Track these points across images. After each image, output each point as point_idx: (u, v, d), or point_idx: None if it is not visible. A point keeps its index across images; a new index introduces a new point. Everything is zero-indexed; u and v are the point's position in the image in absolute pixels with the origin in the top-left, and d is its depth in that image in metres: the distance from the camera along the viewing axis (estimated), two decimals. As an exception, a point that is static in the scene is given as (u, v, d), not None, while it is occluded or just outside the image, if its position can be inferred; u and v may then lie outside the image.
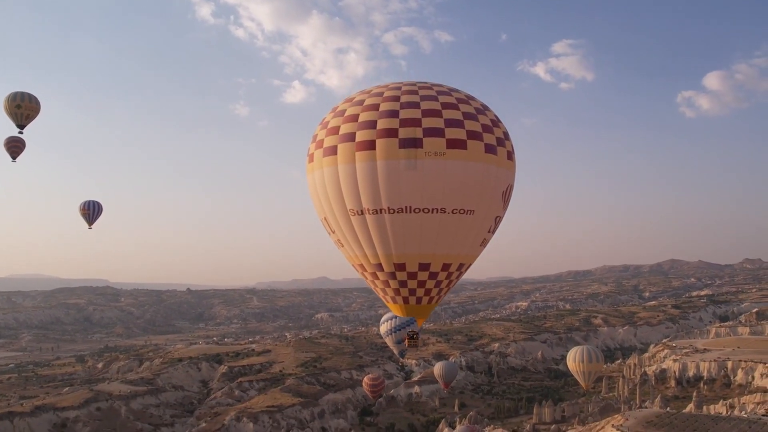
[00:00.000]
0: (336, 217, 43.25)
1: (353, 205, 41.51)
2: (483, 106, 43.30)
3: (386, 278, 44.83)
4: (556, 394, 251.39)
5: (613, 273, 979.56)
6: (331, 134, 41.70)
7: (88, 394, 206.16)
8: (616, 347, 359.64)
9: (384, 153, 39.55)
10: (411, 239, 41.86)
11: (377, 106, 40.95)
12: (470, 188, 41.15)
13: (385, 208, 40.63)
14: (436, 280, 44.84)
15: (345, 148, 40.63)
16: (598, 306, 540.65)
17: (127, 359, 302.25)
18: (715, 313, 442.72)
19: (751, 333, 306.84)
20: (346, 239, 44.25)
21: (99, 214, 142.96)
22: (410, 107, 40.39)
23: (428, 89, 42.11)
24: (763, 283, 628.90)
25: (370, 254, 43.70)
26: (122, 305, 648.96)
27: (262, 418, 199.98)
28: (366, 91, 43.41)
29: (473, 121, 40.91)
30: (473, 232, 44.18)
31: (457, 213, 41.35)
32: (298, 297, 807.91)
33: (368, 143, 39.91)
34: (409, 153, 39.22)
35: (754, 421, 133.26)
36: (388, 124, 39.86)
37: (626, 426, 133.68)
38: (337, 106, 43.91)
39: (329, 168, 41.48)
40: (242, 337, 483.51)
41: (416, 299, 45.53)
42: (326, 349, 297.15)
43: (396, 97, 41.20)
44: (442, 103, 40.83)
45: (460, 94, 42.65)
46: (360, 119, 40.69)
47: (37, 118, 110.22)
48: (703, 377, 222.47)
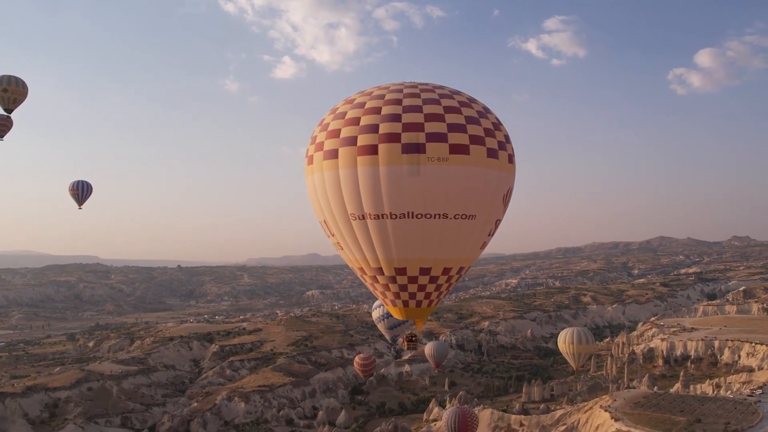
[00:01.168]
0: (336, 220, 43.04)
1: (354, 209, 41.25)
2: (485, 109, 42.99)
3: (386, 282, 44.84)
4: (545, 373, 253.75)
5: (603, 250, 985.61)
6: (331, 137, 41.22)
7: (80, 374, 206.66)
8: (605, 325, 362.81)
9: (386, 158, 39.25)
10: (412, 244, 41.85)
11: (379, 109, 40.48)
12: (472, 193, 41.11)
13: (387, 213, 40.44)
14: (436, 284, 44.94)
15: (346, 152, 40.24)
16: (587, 283, 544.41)
17: (118, 338, 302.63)
18: (702, 291, 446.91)
19: (738, 311, 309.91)
20: (346, 243, 44.10)
21: (89, 194, 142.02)
22: (412, 111, 40.00)
23: (430, 92, 41.69)
24: (750, 261, 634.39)
25: (370, 258, 43.57)
26: (112, 282, 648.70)
27: (254, 398, 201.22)
28: (366, 93, 42.91)
29: (475, 125, 40.63)
30: (474, 237, 44.32)
31: (459, 218, 41.33)
32: (288, 274, 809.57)
33: (370, 148, 39.55)
34: (412, 158, 38.99)
35: (740, 401, 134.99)
36: (390, 128, 39.49)
37: (614, 407, 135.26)
38: (337, 107, 43.33)
39: (330, 172, 41.17)
40: (233, 314, 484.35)
41: (416, 302, 45.60)
42: (317, 328, 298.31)
43: (398, 100, 40.76)
44: (445, 106, 40.48)
45: (462, 97, 42.29)
46: (361, 123, 40.26)
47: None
48: (690, 356, 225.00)
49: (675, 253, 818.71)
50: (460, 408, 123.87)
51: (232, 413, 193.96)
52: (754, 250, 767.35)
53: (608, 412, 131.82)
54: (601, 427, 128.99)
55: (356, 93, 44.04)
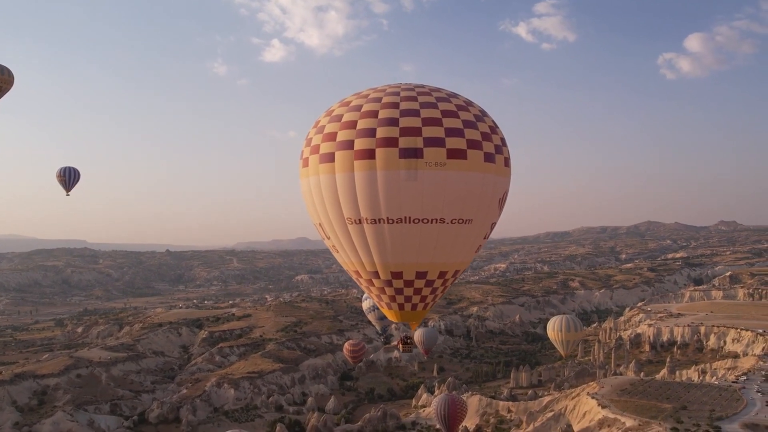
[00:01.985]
0: (332, 224, 42.77)
1: (351, 213, 41.00)
2: (482, 112, 42.79)
3: (382, 285, 44.82)
4: (533, 358, 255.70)
5: (591, 234, 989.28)
6: (327, 140, 40.78)
7: (68, 361, 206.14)
8: (593, 310, 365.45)
9: (384, 163, 38.91)
10: (409, 249, 41.74)
11: (376, 113, 40.01)
12: (470, 198, 41.03)
13: (384, 218, 40.27)
14: (432, 287, 45.09)
15: (343, 156, 39.83)
16: (575, 268, 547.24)
17: (106, 324, 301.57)
18: (689, 276, 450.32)
19: (725, 297, 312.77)
20: (342, 246, 43.86)
21: (76, 180, 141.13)
22: (410, 115, 39.60)
23: (427, 95, 41.29)
24: (737, 246, 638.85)
25: (366, 262, 43.42)
26: (101, 267, 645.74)
27: (243, 384, 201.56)
28: (362, 95, 42.35)
29: (473, 129, 40.40)
30: (470, 241, 44.43)
31: (456, 223, 41.28)
32: (278, 258, 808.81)
33: (367, 152, 39.17)
34: (410, 163, 38.75)
35: (725, 388, 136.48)
36: (387, 132, 39.10)
37: (601, 394, 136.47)
38: (332, 109, 42.70)
39: (326, 176, 40.80)
40: (222, 299, 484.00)
41: (411, 306, 45.72)
42: (306, 313, 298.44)
43: (395, 103, 40.32)
44: (443, 110, 40.14)
45: (459, 100, 42.02)
46: (358, 126, 39.80)
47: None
48: (676, 342, 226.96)
49: (662, 238, 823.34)
50: (449, 395, 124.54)
51: (222, 400, 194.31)
52: (741, 235, 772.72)
53: (595, 399, 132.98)
54: (588, 414, 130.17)
55: (351, 95, 43.41)
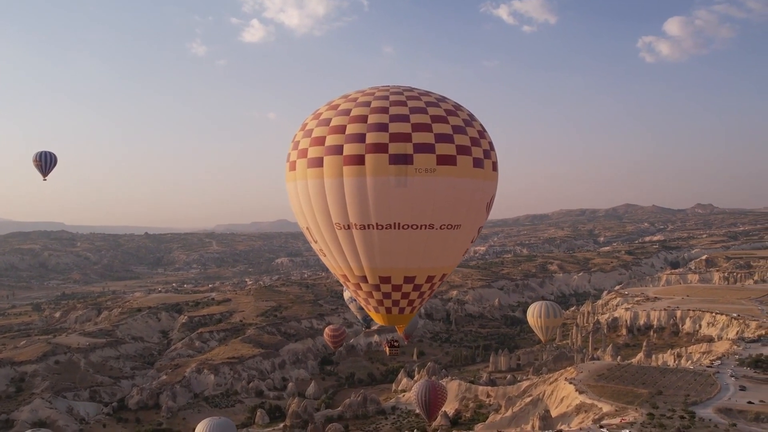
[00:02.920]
0: (320, 229, 42.70)
1: (340, 219, 40.92)
2: (470, 116, 42.74)
3: (370, 290, 44.93)
4: (511, 342, 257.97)
5: (570, 217, 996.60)
6: (315, 144, 40.48)
7: (46, 347, 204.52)
8: (571, 293, 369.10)
9: (373, 169, 38.79)
10: (398, 254, 41.84)
11: (365, 117, 39.77)
12: (459, 204, 41.16)
13: (373, 224, 40.24)
14: (419, 291, 45.24)
15: (332, 162, 39.60)
16: (554, 251, 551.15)
17: (84, 308, 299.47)
18: (666, 259, 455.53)
19: (700, 280, 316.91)
20: (329, 251, 43.83)
21: (53, 165, 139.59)
22: (400, 120, 39.43)
23: (416, 99, 41.13)
24: (713, 229, 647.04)
25: (354, 267, 43.44)
26: (78, 250, 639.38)
27: (223, 370, 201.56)
28: (351, 99, 41.98)
29: (462, 134, 40.42)
30: (458, 245, 44.68)
31: (445, 228, 41.40)
32: (257, 241, 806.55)
33: (357, 158, 38.98)
34: (400, 170, 38.69)
35: (700, 372, 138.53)
36: (377, 138, 38.95)
37: (578, 379, 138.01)
38: (320, 112, 42.40)
39: (314, 180, 40.62)
40: (202, 282, 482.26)
41: (399, 309, 45.92)
42: (286, 297, 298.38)
43: (384, 108, 40.08)
44: (432, 116, 40.08)
45: (448, 105, 41.98)
46: (347, 131, 39.55)
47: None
48: (653, 326, 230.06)
49: (640, 221, 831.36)
50: (430, 382, 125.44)
51: (202, 385, 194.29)
52: (717, 218, 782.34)
53: (573, 384, 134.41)
54: (566, 399, 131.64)
55: (339, 97, 43.10)
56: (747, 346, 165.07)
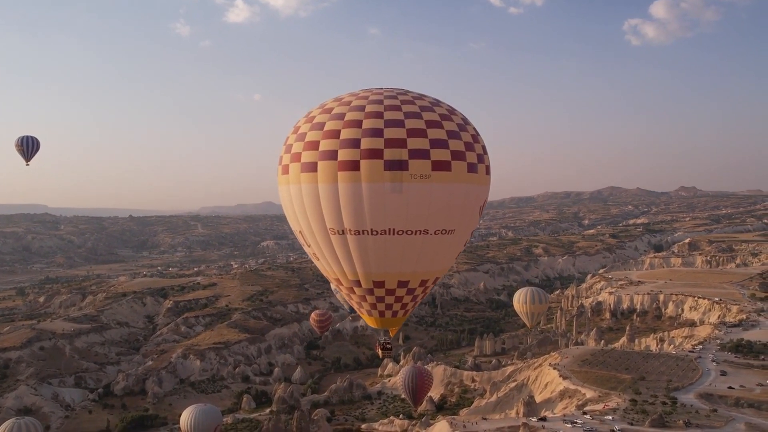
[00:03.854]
0: (314, 233, 42.64)
1: (334, 224, 40.91)
2: (464, 120, 42.81)
3: (363, 294, 45.03)
4: (497, 326, 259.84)
5: (555, 199, 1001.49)
6: (309, 149, 40.31)
7: (31, 333, 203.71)
8: (556, 276, 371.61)
9: (368, 175, 38.72)
10: (392, 259, 41.96)
11: (359, 122, 39.51)
12: (453, 209, 41.35)
13: (368, 229, 40.27)
14: (413, 295, 45.47)
15: (326, 167, 39.48)
16: (539, 234, 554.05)
17: (69, 293, 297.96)
18: (650, 242, 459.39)
19: (683, 264, 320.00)
20: (323, 255, 43.88)
21: (36, 149, 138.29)
22: (395, 126, 39.28)
23: (411, 104, 41.01)
24: (696, 212, 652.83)
25: (348, 271, 43.52)
26: (62, 233, 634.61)
27: (209, 355, 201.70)
28: (344, 102, 41.62)
29: (456, 139, 40.49)
30: (452, 249, 44.97)
31: (439, 233, 41.58)
32: (243, 224, 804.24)
33: (351, 163, 38.85)
34: (395, 176, 38.63)
35: (682, 357, 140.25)
36: (372, 144, 38.76)
37: (562, 365, 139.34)
38: (313, 115, 42.03)
39: (308, 185, 40.50)
40: (187, 266, 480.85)
41: (392, 313, 46.06)
42: (272, 282, 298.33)
43: (379, 113, 39.88)
44: (427, 121, 40.03)
45: (442, 109, 41.95)
46: (342, 136, 39.33)
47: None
48: (636, 310, 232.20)
49: (625, 203, 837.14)
50: (416, 367, 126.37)
51: (188, 371, 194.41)
52: (701, 201, 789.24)
53: (557, 370, 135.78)
54: (550, 384, 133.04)
55: (332, 100, 42.79)
56: (728, 331, 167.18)
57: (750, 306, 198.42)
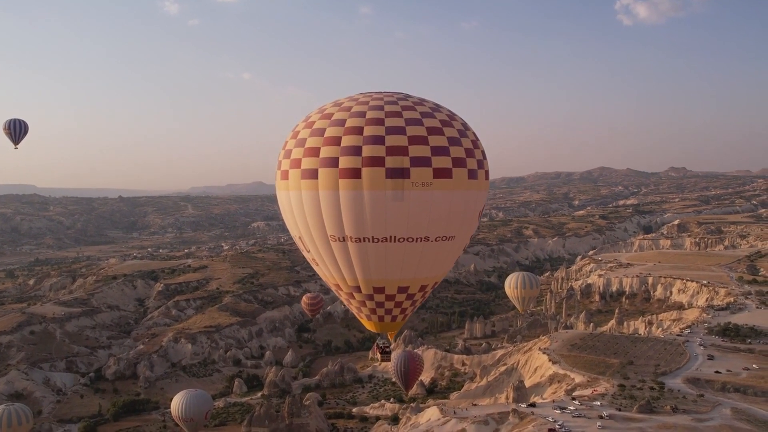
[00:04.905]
0: (314, 240, 42.69)
1: (335, 231, 40.93)
2: (464, 126, 42.89)
3: (363, 299, 45.18)
4: (487, 308, 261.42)
5: (546, 180, 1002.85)
6: (310, 155, 40.16)
7: (21, 317, 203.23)
8: (546, 258, 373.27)
9: (370, 183, 38.70)
10: (392, 266, 42.12)
11: (360, 129, 39.35)
12: (454, 216, 41.56)
13: (369, 237, 40.37)
14: (412, 300, 45.77)
15: (327, 174, 39.41)
16: (529, 215, 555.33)
17: (59, 276, 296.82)
18: (639, 224, 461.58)
19: (672, 246, 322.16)
20: (323, 260, 43.93)
21: (24, 133, 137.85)
22: (396, 133, 39.21)
23: (411, 110, 40.90)
24: (686, 192, 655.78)
25: (348, 277, 43.67)
26: (51, 214, 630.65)
27: (200, 339, 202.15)
28: (344, 108, 41.38)
29: (457, 146, 40.62)
30: (452, 255, 45.28)
31: (440, 240, 41.85)
32: (233, 204, 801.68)
33: (353, 171, 38.76)
34: (396, 184, 38.63)
35: (670, 341, 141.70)
36: (373, 151, 38.72)
37: (552, 349, 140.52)
38: (312, 120, 41.74)
39: (309, 192, 40.51)
40: (177, 247, 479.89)
41: (391, 317, 46.37)
42: (263, 264, 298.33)
43: (380, 119, 39.78)
44: (428, 127, 40.03)
45: (443, 114, 41.97)
46: (343, 143, 39.23)
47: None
48: (625, 292, 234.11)
49: (614, 184, 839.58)
50: (408, 352, 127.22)
51: (179, 355, 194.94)
52: (690, 182, 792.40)
53: (546, 354, 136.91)
54: (540, 369, 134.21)
55: (331, 104, 42.64)
56: (716, 314, 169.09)
57: (737, 289, 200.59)
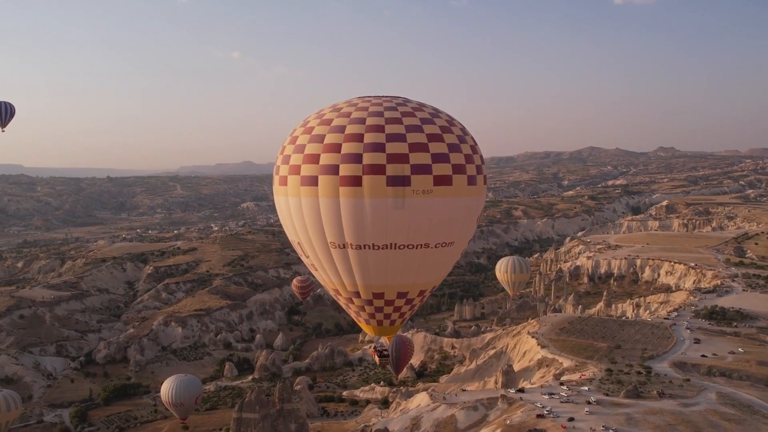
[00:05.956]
0: (314, 246, 42.68)
1: (335, 239, 40.92)
2: (463, 131, 42.87)
3: (362, 304, 45.41)
4: (476, 290, 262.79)
5: (535, 159, 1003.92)
6: (309, 162, 40.07)
7: (10, 301, 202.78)
8: (535, 239, 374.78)
9: (371, 191, 38.69)
10: (392, 272, 42.33)
11: (360, 136, 39.24)
12: (453, 222, 41.85)
13: (369, 244, 40.46)
14: (411, 304, 46.12)
15: (327, 182, 39.35)
16: (519, 195, 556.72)
17: (48, 258, 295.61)
18: (628, 204, 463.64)
19: (660, 227, 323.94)
20: (322, 266, 44.01)
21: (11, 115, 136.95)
22: (396, 140, 39.16)
23: (411, 116, 40.84)
24: (674, 173, 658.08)
25: (348, 283, 43.78)
26: (39, 195, 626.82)
27: (191, 322, 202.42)
28: (344, 113, 41.14)
29: (457, 153, 40.71)
30: (451, 260, 45.56)
31: (440, 246, 42.08)
32: (222, 184, 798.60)
33: (353, 179, 38.72)
34: (397, 192, 38.68)
35: (657, 324, 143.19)
36: (374, 159, 38.68)
37: (540, 333, 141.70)
38: (311, 126, 41.49)
39: (309, 199, 40.43)
40: (166, 228, 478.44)
41: (390, 322, 46.69)
42: (253, 246, 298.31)
43: (380, 126, 39.67)
44: (428, 134, 40.06)
45: (442, 120, 41.96)
46: (343, 150, 39.13)
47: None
48: (613, 274, 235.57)
49: (604, 164, 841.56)
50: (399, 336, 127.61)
51: (170, 338, 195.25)
52: (679, 162, 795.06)
53: (535, 338, 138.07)
54: (528, 353, 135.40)
55: (329, 109, 42.33)
56: (703, 297, 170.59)
57: (724, 271, 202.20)
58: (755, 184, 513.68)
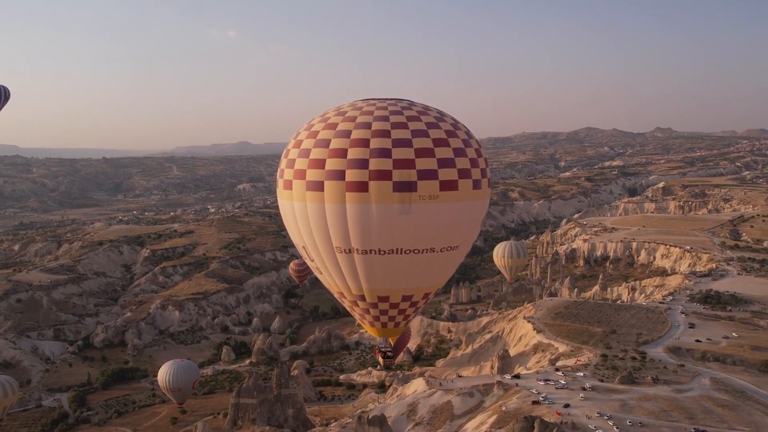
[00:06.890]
0: (319, 250, 42.99)
1: (341, 243, 41.23)
2: (468, 134, 42.98)
3: (367, 307, 45.96)
4: (472, 272, 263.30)
5: (532, 140, 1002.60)
6: (315, 167, 40.24)
7: (7, 285, 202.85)
8: (531, 221, 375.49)
9: (377, 196, 38.96)
10: (398, 276, 42.68)
11: (367, 141, 39.35)
12: (459, 226, 42.11)
13: (375, 249, 40.81)
14: (415, 306, 46.86)
15: (334, 187, 39.59)
16: (515, 176, 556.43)
17: (44, 241, 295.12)
18: (624, 186, 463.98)
19: (657, 209, 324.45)
20: (327, 270, 44.30)
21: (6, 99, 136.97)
22: (402, 146, 39.24)
23: (417, 120, 40.84)
24: (671, 154, 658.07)
25: (353, 287, 44.20)
26: (34, 177, 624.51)
27: (188, 306, 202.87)
28: (348, 118, 41.17)
29: (462, 157, 40.87)
30: (455, 262, 46.26)
31: (445, 250, 42.49)
32: (219, 165, 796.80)
33: (360, 185, 38.98)
34: (404, 197, 38.93)
35: (652, 309, 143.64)
36: (380, 164, 38.84)
37: (536, 317, 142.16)
38: (316, 129, 41.65)
39: (314, 204, 40.65)
40: (163, 210, 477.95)
41: (394, 324, 47.44)
42: (249, 229, 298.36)
43: (386, 131, 39.71)
44: (434, 139, 40.15)
45: (447, 124, 41.99)
46: (349, 156, 39.26)
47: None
48: (609, 257, 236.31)
49: (600, 144, 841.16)
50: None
51: (167, 322, 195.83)
52: (675, 143, 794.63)
53: (531, 323, 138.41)
54: (524, 338, 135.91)
55: (333, 112, 42.32)
56: (698, 281, 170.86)
57: (720, 255, 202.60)
58: (752, 166, 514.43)
